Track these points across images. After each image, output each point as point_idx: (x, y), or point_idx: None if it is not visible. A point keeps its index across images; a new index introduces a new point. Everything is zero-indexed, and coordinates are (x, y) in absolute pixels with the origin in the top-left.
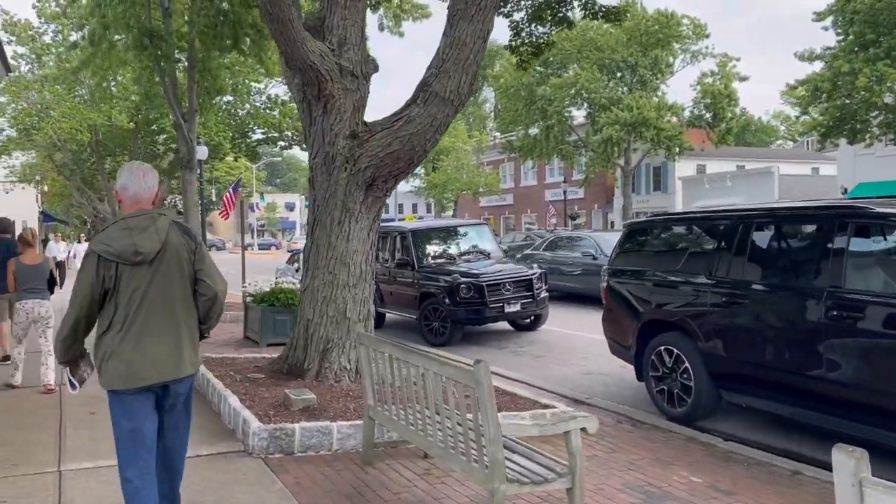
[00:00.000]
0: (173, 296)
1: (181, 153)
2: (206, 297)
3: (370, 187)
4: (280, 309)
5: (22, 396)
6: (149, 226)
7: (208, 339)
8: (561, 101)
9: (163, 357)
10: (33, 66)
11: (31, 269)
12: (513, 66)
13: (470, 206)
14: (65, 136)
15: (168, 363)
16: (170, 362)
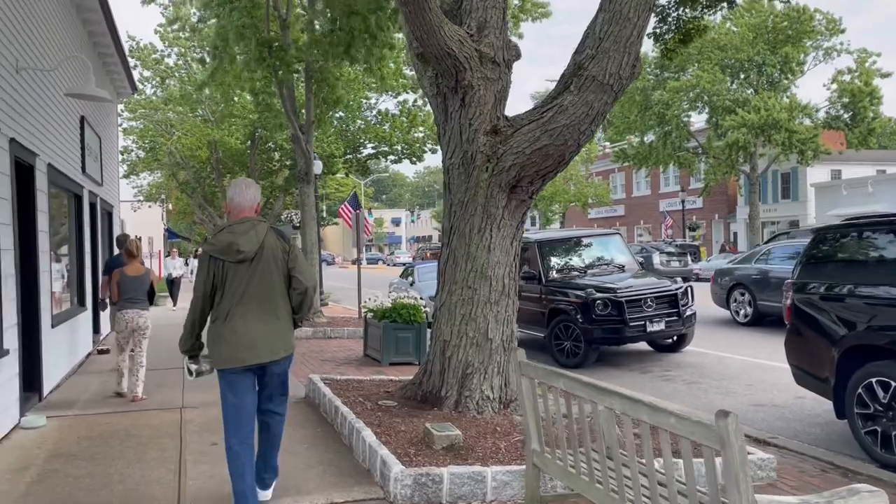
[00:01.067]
0: (269, 290)
1: (298, 166)
2: (297, 291)
3: (514, 189)
4: (402, 326)
5: (142, 420)
6: (249, 230)
7: (300, 327)
8: (679, 105)
9: (259, 342)
10: (157, 88)
11: (132, 280)
12: None
13: (578, 218)
14: (186, 153)
15: (263, 347)
16: (265, 347)
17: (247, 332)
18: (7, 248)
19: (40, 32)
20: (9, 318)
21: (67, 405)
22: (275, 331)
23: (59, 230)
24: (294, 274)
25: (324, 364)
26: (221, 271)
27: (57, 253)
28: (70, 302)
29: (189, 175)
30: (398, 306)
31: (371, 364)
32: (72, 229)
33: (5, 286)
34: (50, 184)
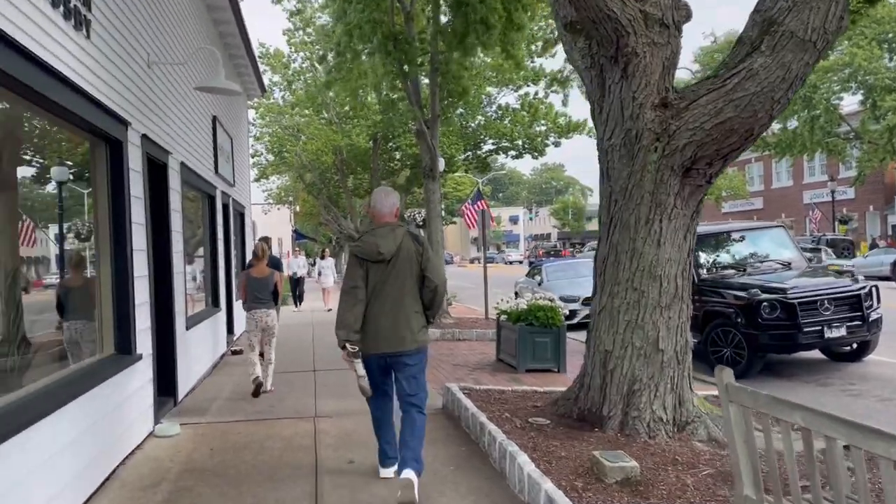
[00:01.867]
0: (404, 288)
1: (424, 162)
2: (429, 289)
3: (688, 172)
4: (539, 329)
5: (274, 430)
6: (388, 234)
7: (433, 324)
8: (829, 86)
9: (389, 334)
10: (285, 92)
11: (257, 282)
12: None
13: (710, 212)
14: (311, 156)
15: (392, 339)
16: (394, 339)
17: (379, 325)
18: (140, 248)
19: (171, 27)
20: (142, 321)
21: (201, 411)
22: (405, 326)
23: (193, 231)
24: (427, 273)
25: (456, 369)
26: (366, 269)
27: (191, 254)
28: (204, 303)
29: (315, 177)
30: (534, 308)
31: (505, 370)
32: (205, 230)
33: (139, 288)
34: (183, 183)
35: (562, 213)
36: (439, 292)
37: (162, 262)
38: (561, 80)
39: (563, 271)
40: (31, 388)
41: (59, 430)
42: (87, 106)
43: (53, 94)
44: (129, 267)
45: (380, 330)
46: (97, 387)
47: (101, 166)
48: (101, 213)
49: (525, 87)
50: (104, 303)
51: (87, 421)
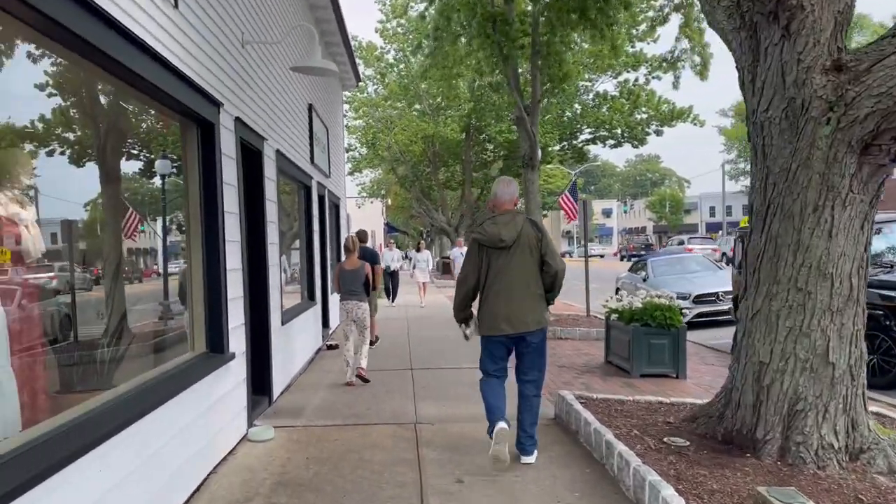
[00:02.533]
0: (524, 272)
1: (522, 151)
2: (549, 274)
3: (867, 149)
4: (657, 331)
5: (373, 436)
6: (510, 221)
7: (552, 305)
8: None
9: (512, 316)
10: (378, 86)
11: (350, 274)
12: None
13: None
14: (403, 147)
15: (518, 320)
16: (519, 319)
17: (505, 306)
18: (233, 239)
19: (266, 5)
20: (235, 317)
21: (296, 413)
22: (529, 307)
23: (289, 223)
24: (546, 259)
25: (562, 372)
26: (486, 256)
27: (287, 246)
28: (300, 296)
29: (407, 169)
30: (650, 307)
31: (616, 374)
32: (300, 221)
33: (232, 282)
34: (278, 172)
35: (658, 206)
36: (559, 277)
37: (256, 254)
38: (671, 61)
39: (670, 266)
40: (122, 389)
41: (147, 437)
42: (176, 84)
43: (141, 70)
44: (222, 259)
45: (503, 312)
46: (187, 389)
47: (192, 151)
48: (193, 202)
49: (624, 73)
50: (195, 298)
51: (177, 426)
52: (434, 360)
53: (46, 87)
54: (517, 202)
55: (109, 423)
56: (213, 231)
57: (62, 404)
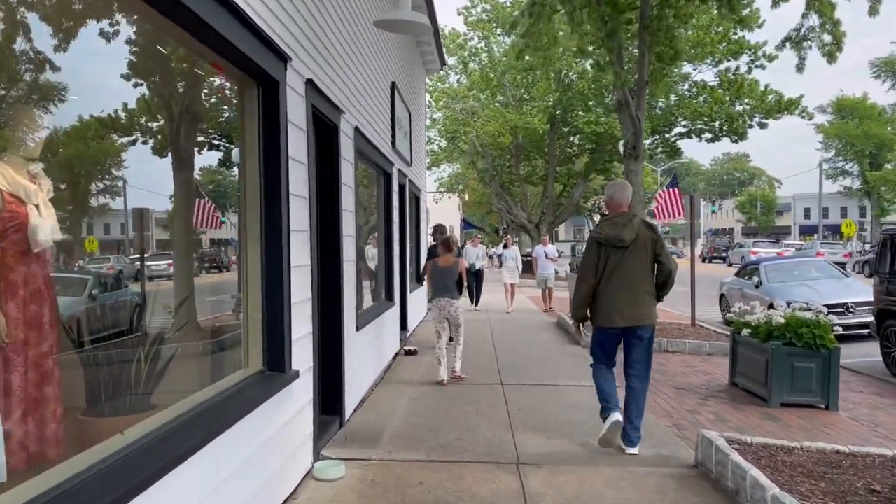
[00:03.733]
0: (638, 270)
1: (625, 138)
2: (662, 273)
3: None
4: (802, 351)
5: (465, 480)
6: (627, 223)
7: (661, 302)
8: None
9: (626, 310)
10: (460, 76)
11: (443, 271)
12: None
13: None
14: (488, 139)
15: (630, 314)
16: (631, 314)
17: (616, 302)
18: (301, 228)
19: None
20: (300, 325)
21: (372, 439)
22: (640, 303)
23: (367, 214)
24: (661, 259)
25: (682, 395)
26: (605, 253)
27: (364, 239)
28: (377, 296)
29: (487, 163)
30: (795, 322)
31: (749, 400)
32: (380, 213)
33: (296, 282)
34: (357, 153)
35: (748, 207)
36: (672, 276)
37: (329, 247)
38: (796, 39)
39: (787, 272)
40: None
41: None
42: (230, 22)
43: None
44: (285, 253)
45: (618, 307)
46: (235, 425)
47: (252, 116)
48: (251, 182)
49: (725, 61)
50: (251, 302)
51: (222, 474)
52: (527, 374)
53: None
54: (631, 205)
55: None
56: (274, 218)
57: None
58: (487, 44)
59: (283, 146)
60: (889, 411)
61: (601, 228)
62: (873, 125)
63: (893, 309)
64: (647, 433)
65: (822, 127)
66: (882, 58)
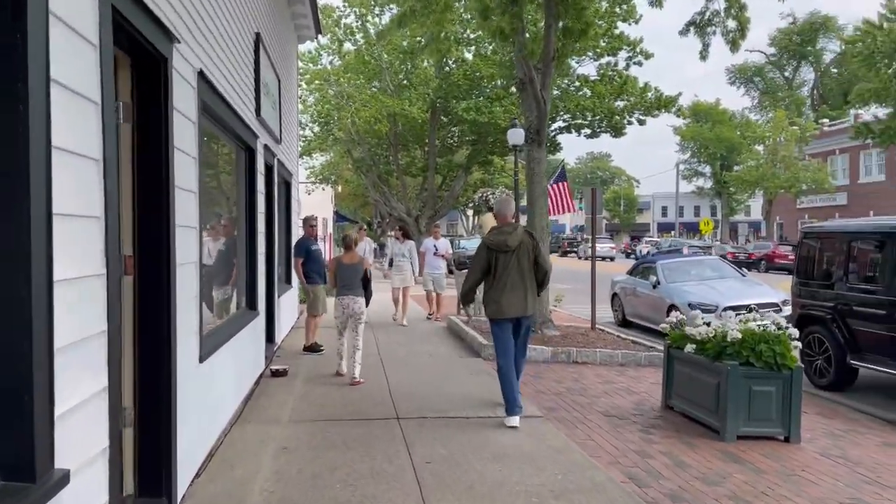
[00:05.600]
0: (523, 270)
1: (528, 120)
2: (540, 272)
3: None
4: (762, 373)
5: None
6: (512, 231)
7: (540, 296)
8: None
9: (515, 303)
10: (333, 57)
11: (348, 269)
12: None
13: (786, 206)
14: (364, 126)
15: (518, 306)
16: (519, 306)
17: (508, 296)
18: (78, 212)
19: None
20: (78, 387)
21: None
22: (525, 297)
23: (220, 198)
24: (539, 261)
25: (617, 427)
26: (495, 257)
27: (214, 231)
28: (235, 305)
29: (364, 152)
30: (751, 337)
31: (697, 432)
32: (240, 198)
33: (64, 309)
34: (203, 111)
35: (612, 204)
36: (548, 275)
37: (151, 245)
38: (700, 24)
39: (684, 271)
40: None
41: None
42: None
43: None
44: (37, 262)
45: (510, 300)
46: None
47: None
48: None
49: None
50: None
51: None
52: (428, 402)
53: None
54: (517, 217)
55: None
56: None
57: None
58: (363, 23)
59: (33, 58)
60: (852, 440)
61: (490, 236)
62: (724, 129)
63: (816, 314)
64: (604, 497)
65: (680, 130)
66: (737, 65)
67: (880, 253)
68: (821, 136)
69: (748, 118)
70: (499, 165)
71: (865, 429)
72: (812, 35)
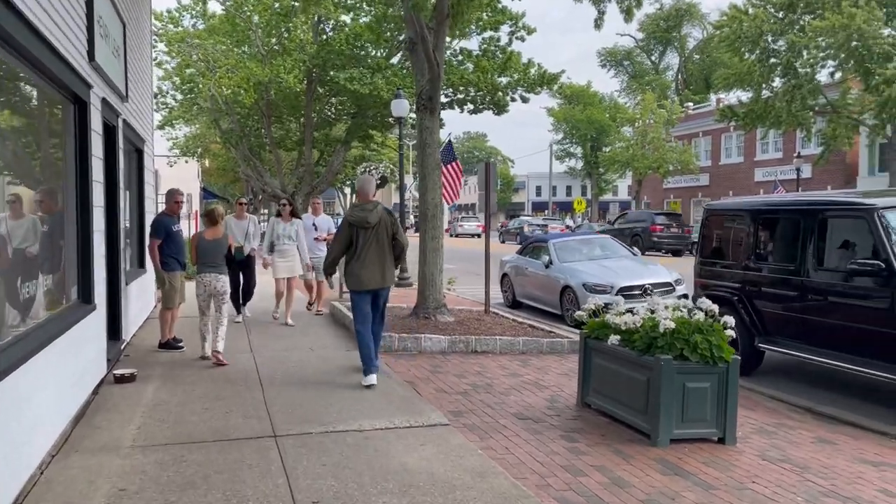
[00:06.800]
0: (382, 245)
1: (419, 85)
2: (398, 248)
3: None
4: (697, 367)
5: None
6: (373, 209)
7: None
8: (815, 53)
9: (375, 276)
10: (198, 19)
11: (211, 244)
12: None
13: (651, 187)
14: (231, 96)
15: (376, 279)
16: (377, 279)
17: (367, 270)
18: None
19: None
20: None
21: None
22: (384, 270)
23: (25, 158)
24: (397, 237)
25: (535, 432)
26: (356, 233)
27: (18, 207)
28: (52, 301)
29: (233, 123)
30: (686, 326)
31: (624, 435)
32: (68, 161)
33: None
34: None
35: None
36: (405, 250)
37: None
38: None
39: (577, 250)
40: None
41: None
42: None
43: None
44: None
45: (369, 274)
46: None
47: None
48: None
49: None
50: None
51: None
52: (313, 411)
53: None
54: (376, 195)
55: None
56: None
57: None
58: None
59: None
60: (785, 436)
61: (352, 213)
62: (595, 111)
63: (721, 294)
64: None
65: (553, 111)
66: (608, 48)
67: (790, 231)
68: (686, 120)
69: (616, 101)
70: (379, 140)
71: (792, 422)
72: (678, 21)
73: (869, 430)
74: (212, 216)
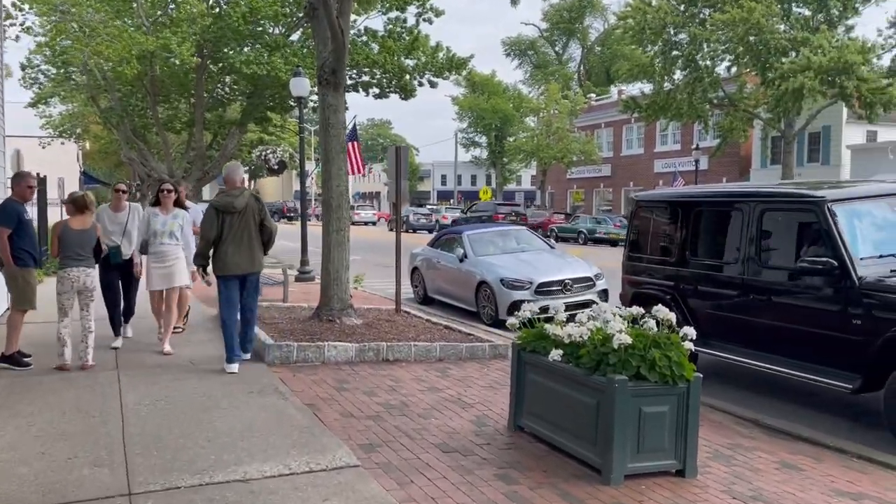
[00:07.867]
0: (250, 231)
1: (322, 58)
2: (266, 233)
3: None
4: (654, 389)
5: None
6: (239, 195)
7: (268, 255)
8: (715, 46)
9: (242, 261)
10: None
11: (77, 235)
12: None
13: (555, 177)
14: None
15: (244, 264)
16: (245, 264)
17: (235, 255)
18: None
19: None
20: None
21: None
22: (252, 256)
23: None
24: (265, 223)
25: (465, 472)
26: (222, 218)
27: None
28: None
29: (114, 101)
30: (643, 340)
31: (567, 470)
32: None
33: None
34: None
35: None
36: (273, 235)
37: None
38: None
39: (493, 243)
40: None
41: None
42: None
43: None
44: None
45: (236, 259)
46: None
47: None
48: None
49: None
50: None
51: None
52: (189, 452)
53: None
54: (243, 182)
55: None
56: None
57: None
58: None
59: None
60: (748, 463)
61: (218, 198)
62: (499, 101)
63: (652, 293)
64: None
65: (457, 100)
66: (512, 37)
67: (731, 224)
68: (588, 111)
69: (521, 91)
70: (278, 123)
71: (745, 440)
72: (580, 12)
73: (827, 448)
74: (78, 203)
